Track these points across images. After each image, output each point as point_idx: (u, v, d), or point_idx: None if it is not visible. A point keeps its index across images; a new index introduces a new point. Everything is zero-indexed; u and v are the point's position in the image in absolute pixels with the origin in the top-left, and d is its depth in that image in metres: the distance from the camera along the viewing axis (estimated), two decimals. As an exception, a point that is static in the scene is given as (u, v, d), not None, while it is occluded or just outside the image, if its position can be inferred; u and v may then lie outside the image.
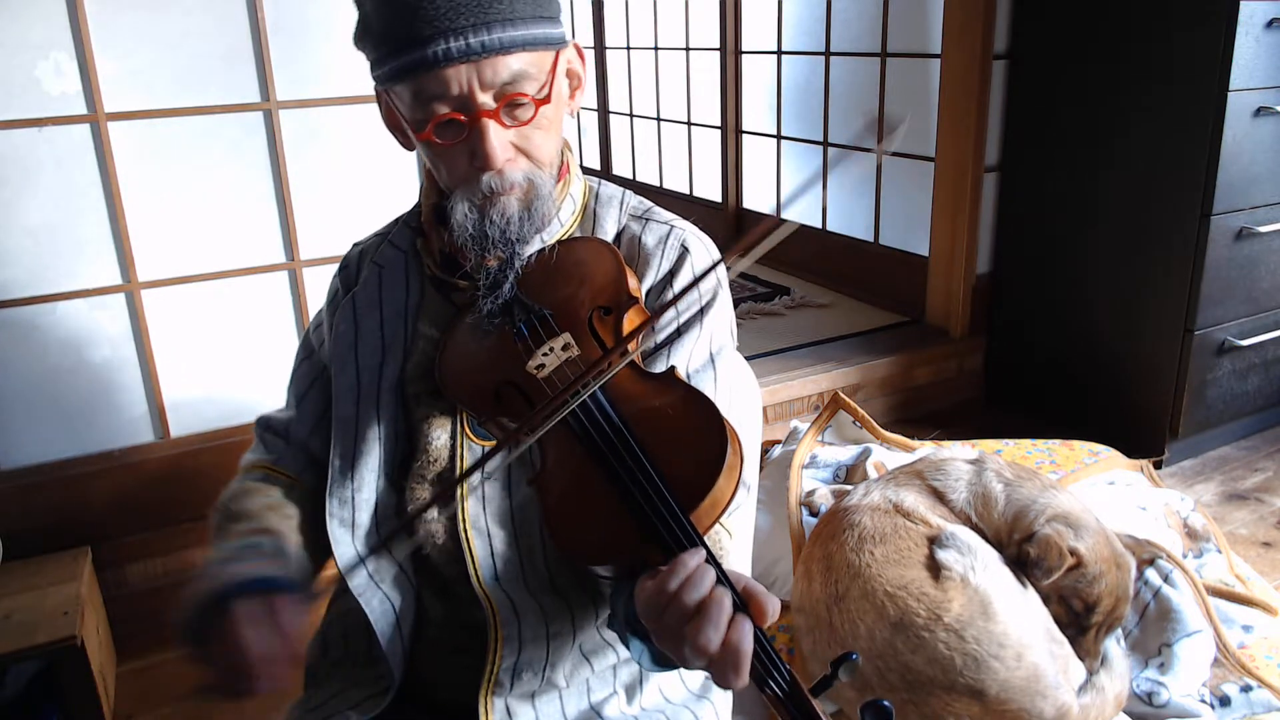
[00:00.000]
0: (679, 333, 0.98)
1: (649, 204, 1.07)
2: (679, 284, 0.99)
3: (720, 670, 0.70)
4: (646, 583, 0.74)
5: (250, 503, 1.00)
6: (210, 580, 0.79)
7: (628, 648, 0.84)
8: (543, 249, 0.99)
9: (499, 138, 0.88)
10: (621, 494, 0.79)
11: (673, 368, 0.89)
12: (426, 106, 0.87)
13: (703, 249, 1.03)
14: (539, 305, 0.94)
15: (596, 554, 0.81)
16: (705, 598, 0.71)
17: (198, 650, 0.76)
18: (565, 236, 1.02)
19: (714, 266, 0.90)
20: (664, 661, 0.80)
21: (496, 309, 0.95)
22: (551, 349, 0.90)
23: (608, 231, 1.03)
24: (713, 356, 1.00)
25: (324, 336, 1.08)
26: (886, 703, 0.73)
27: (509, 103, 0.87)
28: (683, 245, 1.01)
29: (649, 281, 0.99)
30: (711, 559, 0.75)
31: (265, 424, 1.12)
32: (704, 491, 0.77)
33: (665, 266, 1.00)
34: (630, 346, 0.86)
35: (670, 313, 0.98)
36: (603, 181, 1.08)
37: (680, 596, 0.71)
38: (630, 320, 0.92)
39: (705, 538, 0.78)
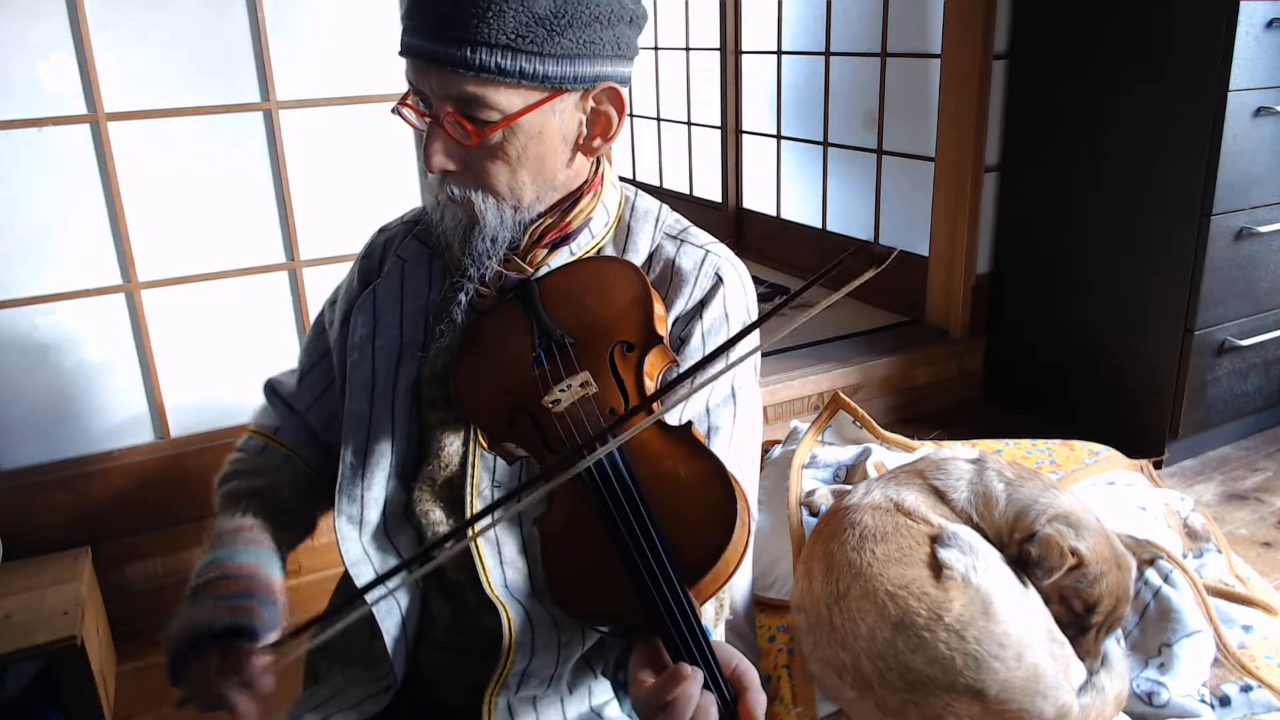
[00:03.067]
0: (702, 366, 0.97)
1: (685, 223, 1.04)
2: (708, 315, 0.96)
3: None
4: (641, 677, 0.73)
5: (244, 484, 1.03)
6: (190, 620, 0.84)
7: (619, 700, 0.83)
8: (571, 262, 0.97)
9: (440, 143, 0.88)
10: (623, 556, 0.77)
11: (689, 424, 0.86)
12: (409, 85, 0.90)
13: (737, 279, 1.00)
14: (559, 330, 0.91)
15: (591, 612, 0.80)
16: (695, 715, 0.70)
17: (179, 679, 0.83)
18: (596, 249, 0.99)
19: (744, 334, 0.86)
20: None
21: (459, 314, 0.96)
22: (569, 385, 0.88)
23: (640, 248, 1.00)
24: (734, 392, 0.98)
25: (334, 317, 1.08)
26: None
27: (454, 119, 0.85)
28: (717, 273, 0.98)
29: (678, 309, 0.97)
30: (701, 641, 0.74)
31: (272, 388, 1.13)
32: (708, 566, 0.76)
33: (697, 295, 0.97)
34: (655, 407, 0.83)
35: (695, 339, 0.96)
36: (639, 192, 1.05)
37: (667, 715, 0.70)
38: (652, 360, 0.89)
39: (701, 607, 0.77)
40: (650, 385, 0.89)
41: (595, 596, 0.79)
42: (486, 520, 0.90)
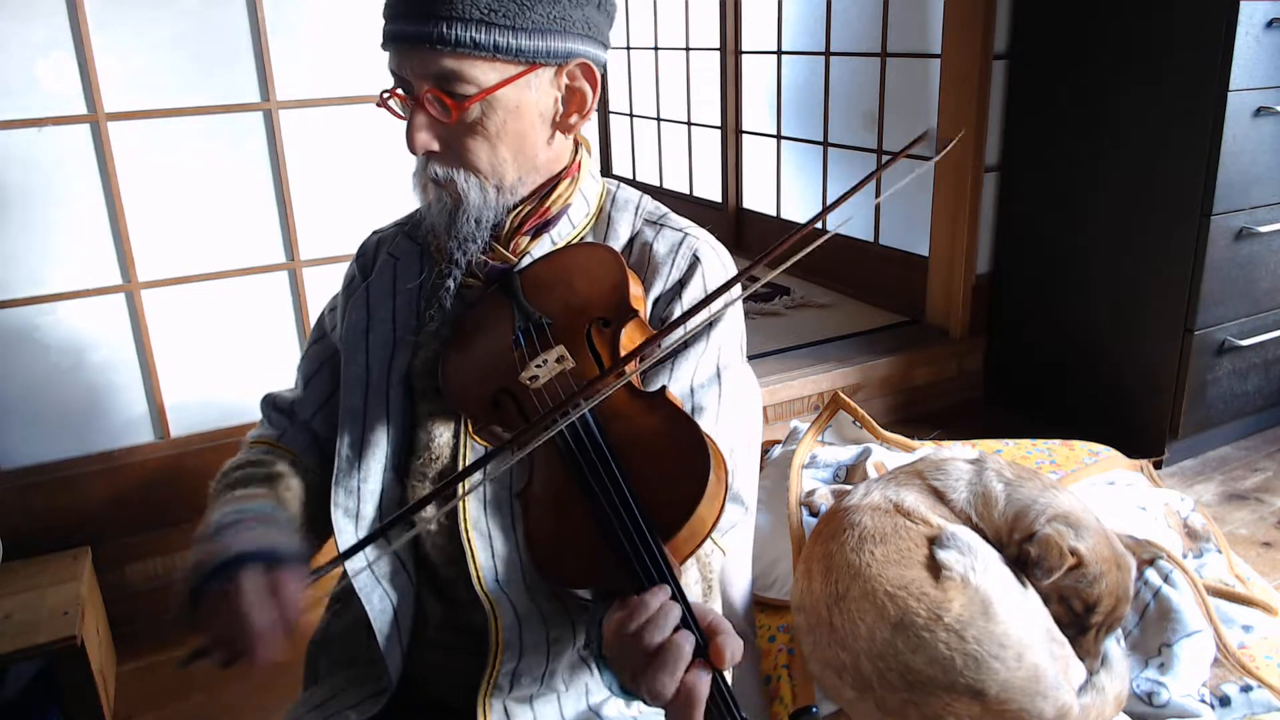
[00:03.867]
0: (685, 345, 0.97)
1: (665, 209, 1.05)
2: (688, 295, 0.97)
3: (674, 715, 0.70)
4: (614, 616, 0.73)
5: (254, 471, 0.99)
6: (216, 547, 0.79)
7: (601, 675, 0.83)
8: (551, 252, 0.98)
9: (421, 123, 0.90)
10: (598, 517, 0.78)
11: (664, 388, 0.87)
12: (392, 76, 0.92)
13: (715, 259, 1.00)
14: (538, 312, 0.93)
15: (569, 575, 0.81)
16: (664, 642, 0.70)
17: (199, 615, 0.76)
18: (577, 238, 1.01)
19: (720, 291, 0.88)
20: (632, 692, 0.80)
21: (448, 299, 0.97)
22: (545, 360, 0.89)
23: (620, 235, 1.01)
24: (719, 371, 0.98)
25: (336, 321, 1.09)
26: (815, 708, 0.73)
27: (433, 95, 0.88)
28: (694, 255, 0.99)
29: (657, 290, 0.98)
30: (678, 596, 0.74)
31: (271, 402, 1.12)
32: (681, 521, 0.76)
33: (675, 276, 0.98)
34: (627, 368, 0.85)
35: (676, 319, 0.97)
36: (621, 184, 1.06)
37: (640, 638, 0.70)
38: (629, 334, 0.90)
39: (681, 567, 0.77)
40: (629, 367, 0.90)
41: (574, 560, 0.80)
42: (469, 484, 0.90)
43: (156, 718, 1.80)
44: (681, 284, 0.98)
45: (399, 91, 0.92)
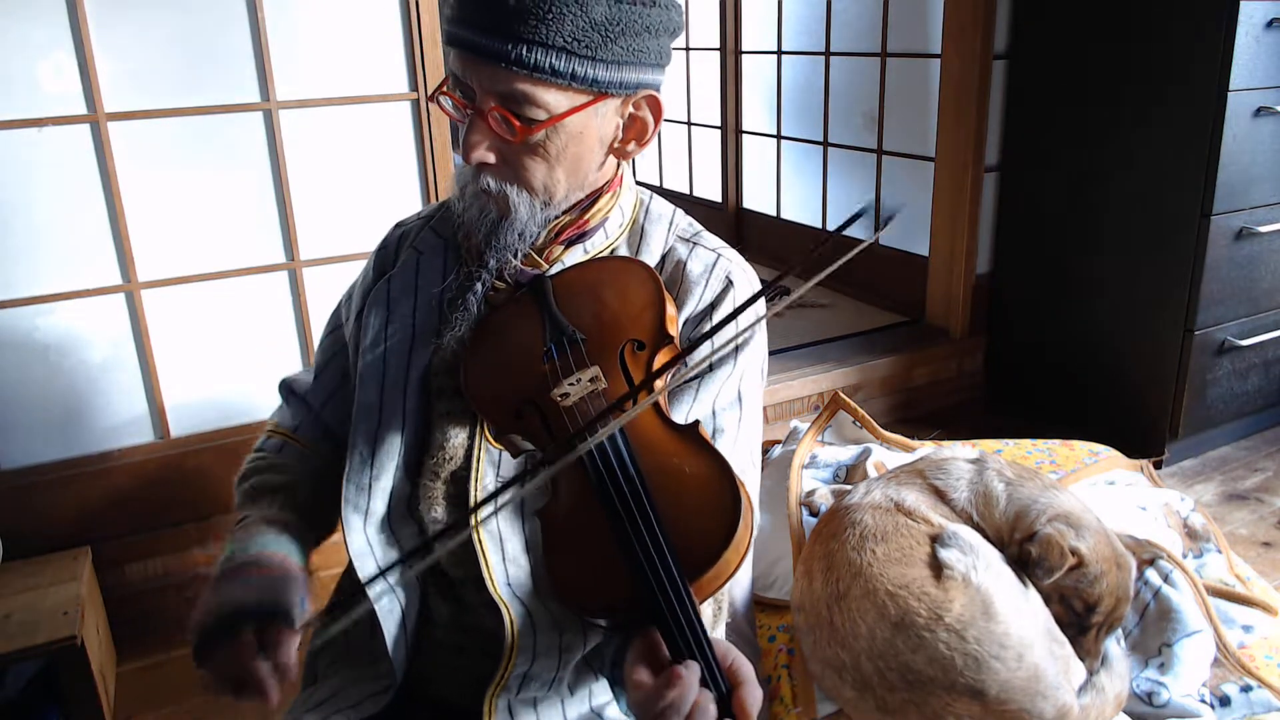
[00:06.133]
0: (711, 368, 0.97)
1: (698, 227, 1.06)
2: (718, 318, 0.97)
3: None
4: (638, 677, 0.73)
5: (269, 479, 1.03)
6: (212, 603, 0.84)
7: (615, 697, 0.82)
8: (585, 260, 0.98)
9: (480, 135, 0.89)
10: (624, 548, 0.77)
11: (697, 422, 0.86)
12: (450, 75, 0.91)
13: (746, 282, 1.01)
14: (572, 327, 0.92)
15: (589, 603, 0.80)
16: (691, 712, 0.70)
17: (208, 663, 0.82)
18: (609, 249, 1.01)
19: (746, 305, 0.89)
20: None
21: (475, 303, 0.97)
22: (579, 379, 0.88)
23: (653, 250, 1.01)
24: (741, 395, 0.98)
25: (350, 312, 1.09)
26: None
27: (500, 114, 0.87)
28: (728, 278, 0.99)
29: (688, 311, 0.98)
30: (703, 641, 0.74)
31: (288, 387, 1.13)
32: (709, 564, 0.76)
33: (707, 298, 0.98)
34: (656, 386, 0.84)
35: (705, 348, 0.97)
36: (654, 196, 1.07)
37: (668, 714, 0.70)
38: (662, 359, 0.89)
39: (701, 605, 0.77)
40: (660, 384, 0.89)
41: (595, 588, 0.80)
42: (489, 509, 0.89)
43: (156, 718, 1.80)
44: (713, 306, 0.98)
45: (455, 94, 0.91)
